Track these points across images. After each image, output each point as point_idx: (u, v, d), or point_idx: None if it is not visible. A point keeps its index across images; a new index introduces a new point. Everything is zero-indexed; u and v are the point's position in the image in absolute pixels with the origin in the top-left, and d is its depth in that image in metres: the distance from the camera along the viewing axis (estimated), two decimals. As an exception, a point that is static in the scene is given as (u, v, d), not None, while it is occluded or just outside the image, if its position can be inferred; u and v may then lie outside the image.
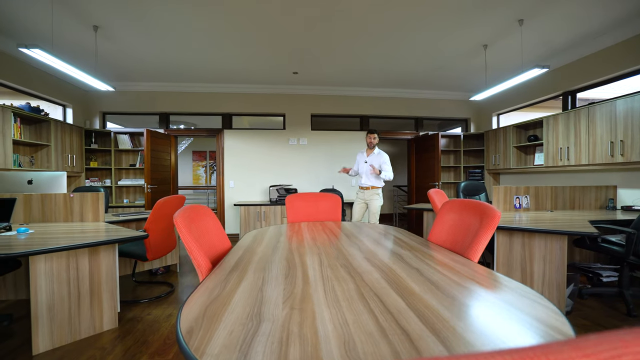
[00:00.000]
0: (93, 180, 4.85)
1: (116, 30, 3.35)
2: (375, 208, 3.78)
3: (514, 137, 4.80)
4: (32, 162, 3.84)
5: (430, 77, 5.09)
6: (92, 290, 2.10)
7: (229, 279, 1.13)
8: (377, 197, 3.80)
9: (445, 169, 6.00)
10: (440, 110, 6.04)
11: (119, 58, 4.08)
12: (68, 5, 2.87)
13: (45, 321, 1.91)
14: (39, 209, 2.74)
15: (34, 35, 3.36)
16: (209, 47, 3.85)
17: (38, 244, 1.92)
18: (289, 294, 0.97)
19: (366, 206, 3.87)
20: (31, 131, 3.94)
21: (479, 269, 1.19)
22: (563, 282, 2.29)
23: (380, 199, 3.80)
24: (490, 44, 3.81)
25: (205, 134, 5.66)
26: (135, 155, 5.17)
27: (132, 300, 2.71)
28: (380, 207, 3.81)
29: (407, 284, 1.03)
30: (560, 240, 2.29)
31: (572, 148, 3.80)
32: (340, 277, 1.12)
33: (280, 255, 1.46)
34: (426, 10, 3.04)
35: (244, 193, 5.58)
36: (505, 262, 2.50)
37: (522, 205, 3.38)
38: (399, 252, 1.48)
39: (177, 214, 1.31)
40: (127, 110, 5.34)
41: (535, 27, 3.40)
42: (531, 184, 4.83)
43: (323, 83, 5.41)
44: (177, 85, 5.27)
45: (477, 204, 1.52)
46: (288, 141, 5.71)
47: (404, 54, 4.10)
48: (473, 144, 5.93)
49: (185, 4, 2.90)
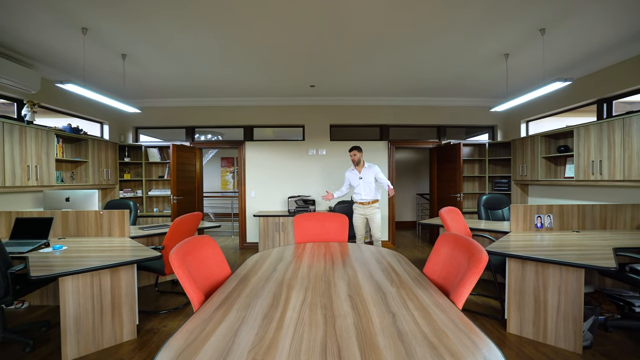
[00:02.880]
0: (126, 191, 5.25)
1: (142, 56, 3.62)
2: (379, 221, 3.92)
3: (543, 147, 4.52)
4: (73, 177, 4.25)
5: (452, 85, 4.94)
6: (114, 305, 2.31)
7: (212, 318, 1.22)
8: (378, 211, 3.93)
9: (469, 178, 5.77)
10: (464, 118, 5.82)
11: (145, 79, 4.40)
12: (99, 39, 3.16)
13: (72, 332, 2.13)
14: (74, 225, 3.05)
15: (72, 64, 3.72)
16: (227, 67, 4.04)
17: (68, 264, 2.15)
18: (258, 341, 1.04)
19: (366, 220, 3.98)
20: (72, 149, 4.37)
21: (457, 319, 1.18)
22: (579, 315, 2.15)
23: (379, 212, 3.96)
24: (511, 52, 3.64)
25: (228, 146, 5.90)
26: (163, 167, 5.52)
27: (152, 311, 2.93)
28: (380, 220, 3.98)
29: (374, 336, 1.05)
30: (576, 270, 2.15)
31: (606, 162, 3.51)
32: (314, 322, 1.16)
33: (269, 288, 1.53)
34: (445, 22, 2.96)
35: (265, 203, 5.75)
36: (517, 290, 2.39)
37: (545, 225, 3.18)
38: (385, 290, 1.49)
39: (173, 251, 1.43)
40: (156, 125, 5.72)
41: (558, 36, 3.20)
42: (563, 196, 4.52)
43: (341, 94, 5.44)
44: (201, 100, 5.56)
45: (468, 244, 1.49)
46: (307, 152, 5.80)
47: (423, 64, 4.00)
48: (499, 152, 5.65)
49: (205, 34, 3.07)
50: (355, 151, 3.96)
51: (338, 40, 3.29)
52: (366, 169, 3.95)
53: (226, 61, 3.84)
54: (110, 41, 3.23)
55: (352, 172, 4.06)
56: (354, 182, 4.00)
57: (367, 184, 3.91)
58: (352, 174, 4.05)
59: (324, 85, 4.91)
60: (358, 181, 3.95)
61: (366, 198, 3.91)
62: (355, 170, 4.02)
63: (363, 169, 3.96)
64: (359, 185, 3.94)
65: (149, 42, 3.28)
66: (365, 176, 3.92)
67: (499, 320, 2.62)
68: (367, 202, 3.91)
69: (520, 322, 2.38)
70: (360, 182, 3.93)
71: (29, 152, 3.42)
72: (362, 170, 3.96)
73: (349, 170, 4.12)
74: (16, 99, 3.71)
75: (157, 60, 3.74)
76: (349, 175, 4.08)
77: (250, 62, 3.86)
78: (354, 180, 4.01)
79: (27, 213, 3.03)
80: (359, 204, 3.97)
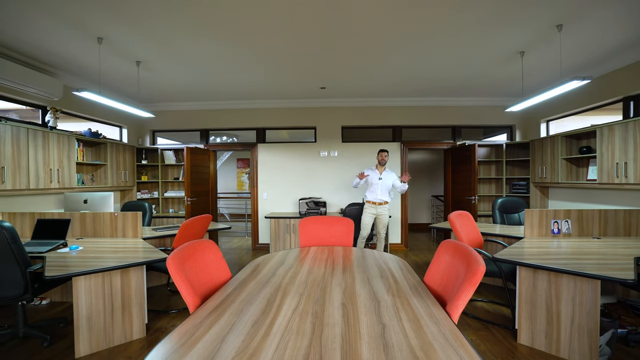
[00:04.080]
0: (143, 193, 5.44)
1: (156, 63, 3.74)
2: (386, 222, 4.24)
3: (564, 147, 4.31)
4: (93, 179, 4.45)
5: (467, 85, 4.79)
6: (124, 304, 2.39)
7: (203, 323, 1.24)
8: (387, 212, 4.24)
9: (485, 180, 5.59)
10: (480, 118, 5.64)
11: (160, 84, 4.54)
12: (115, 48, 3.30)
13: (84, 329, 2.23)
14: (91, 226, 3.19)
15: (90, 71, 3.89)
16: (237, 72, 4.12)
17: (82, 264, 2.26)
18: (243, 348, 1.05)
19: (374, 219, 4.24)
20: (92, 152, 4.57)
21: (449, 332, 1.14)
22: (595, 328, 2.03)
23: (388, 212, 4.27)
24: (527, 50, 3.49)
25: (241, 148, 6.00)
26: (179, 169, 5.68)
27: (163, 310, 3.02)
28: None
29: (359, 348, 1.04)
30: (591, 281, 2.03)
31: (631, 164, 3.30)
32: (302, 331, 1.16)
33: (265, 294, 1.54)
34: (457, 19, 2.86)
35: (277, 205, 5.80)
36: (528, 299, 2.29)
37: (562, 231, 3.03)
38: (380, 298, 1.47)
39: (170, 256, 1.46)
40: (172, 128, 5.90)
41: (575, 32, 3.04)
42: (586, 200, 4.29)
43: (352, 95, 5.40)
44: (214, 103, 5.67)
45: (467, 253, 1.45)
46: (319, 153, 5.80)
47: (436, 63, 3.89)
48: (518, 153, 5.44)
49: (216, 43, 3.14)
50: (387, 153, 4.31)
51: (345, 40, 3.27)
52: (387, 172, 4.28)
53: (237, 66, 3.91)
54: (125, 50, 3.36)
55: (374, 171, 4.28)
56: (373, 181, 4.21)
57: (385, 186, 4.18)
58: (374, 173, 4.26)
59: (334, 87, 4.90)
60: (377, 181, 4.19)
61: (381, 198, 4.16)
62: (377, 170, 4.26)
63: (384, 172, 4.23)
64: (377, 185, 4.19)
65: (162, 50, 3.39)
66: (385, 178, 4.20)
67: (510, 330, 2.52)
68: (380, 203, 4.17)
69: (532, 333, 2.28)
70: (379, 182, 4.18)
71: (51, 156, 3.61)
72: (382, 172, 4.23)
73: (370, 168, 4.34)
74: (41, 105, 3.93)
75: (171, 66, 3.86)
76: (369, 173, 4.26)
77: (259, 65, 3.91)
78: (373, 179, 4.21)
79: (49, 214, 3.20)
80: (371, 203, 4.22)
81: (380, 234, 4.23)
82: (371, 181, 4.21)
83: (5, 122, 3.14)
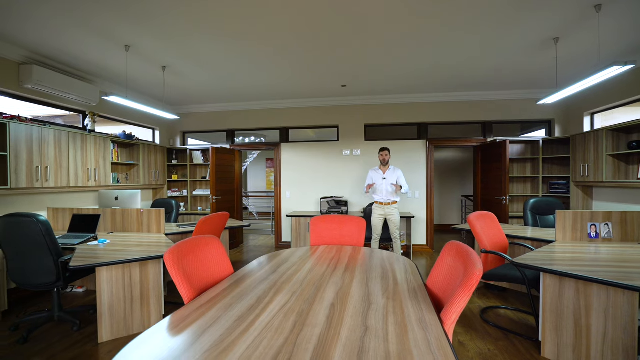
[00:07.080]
0: (174, 191, 5.76)
1: (181, 68, 3.94)
2: (397, 221, 4.09)
3: (609, 143, 3.87)
4: (127, 178, 4.78)
5: (498, 76, 4.48)
6: (142, 295, 2.54)
7: (190, 315, 1.27)
8: (397, 211, 4.10)
9: (519, 179, 5.19)
10: (514, 112, 5.25)
11: (186, 87, 4.77)
12: (142, 55, 3.52)
13: (107, 317, 2.40)
14: (120, 221, 3.43)
15: (120, 76, 4.18)
16: (259, 73, 4.22)
17: (106, 256, 2.43)
18: (218, 342, 1.06)
19: (384, 220, 4.14)
20: (126, 153, 4.91)
21: (434, 340, 1.07)
22: (632, 345, 1.79)
23: (398, 212, 4.12)
24: (562, 36, 3.18)
25: (265, 148, 6.12)
26: (206, 169, 5.92)
27: (181, 302, 3.14)
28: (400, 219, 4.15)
29: (332, 350, 1.00)
30: (629, 293, 1.80)
31: (690, 160, 2.89)
32: (281, 329, 1.15)
33: (258, 291, 1.55)
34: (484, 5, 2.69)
35: (300, 203, 5.84)
36: (553, 309, 2.08)
37: (601, 235, 2.72)
38: (372, 300, 1.41)
39: (168, 250, 1.52)
40: (201, 129, 6.17)
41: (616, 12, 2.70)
42: (636, 201, 3.82)
43: (375, 92, 5.29)
44: (239, 104, 5.84)
45: (467, 255, 1.34)
46: (342, 152, 5.75)
47: (463, 54, 3.67)
48: (556, 150, 4.98)
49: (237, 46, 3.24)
50: (387, 152, 4.19)
51: (361, 36, 3.19)
52: (390, 170, 4.12)
53: (258, 68, 4.03)
54: (152, 56, 3.57)
55: (377, 172, 4.19)
56: (377, 182, 4.12)
57: (389, 185, 4.06)
58: (377, 173, 4.18)
59: (355, 85, 4.83)
60: (381, 181, 4.10)
61: (386, 199, 4.08)
62: (380, 170, 4.17)
63: (387, 171, 4.11)
64: (381, 185, 4.09)
65: (186, 56, 3.57)
66: (388, 177, 4.10)
67: (534, 342, 2.31)
68: (386, 203, 4.08)
69: (558, 346, 2.07)
70: (383, 182, 4.07)
71: (89, 156, 3.93)
72: (386, 172, 4.11)
73: (373, 169, 4.26)
74: (81, 110, 4.29)
75: (195, 70, 4.04)
76: (373, 175, 4.20)
77: (279, 66, 3.97)
78: (376, 180, 4.14)
79: (85, 210, 3.49)
80: (378, 204, 4.14)
81: (394, 234, 4.11)
82: (376, 182, 4.14)
83: (49, 126, 3.47)
